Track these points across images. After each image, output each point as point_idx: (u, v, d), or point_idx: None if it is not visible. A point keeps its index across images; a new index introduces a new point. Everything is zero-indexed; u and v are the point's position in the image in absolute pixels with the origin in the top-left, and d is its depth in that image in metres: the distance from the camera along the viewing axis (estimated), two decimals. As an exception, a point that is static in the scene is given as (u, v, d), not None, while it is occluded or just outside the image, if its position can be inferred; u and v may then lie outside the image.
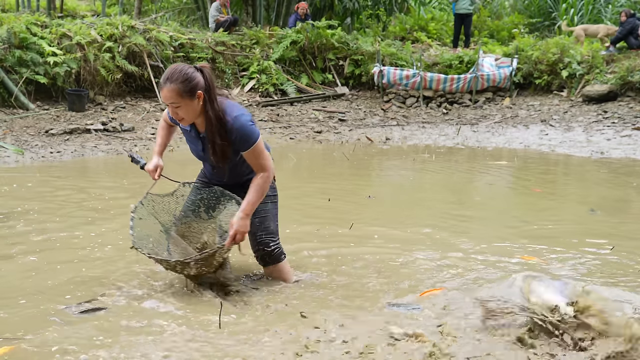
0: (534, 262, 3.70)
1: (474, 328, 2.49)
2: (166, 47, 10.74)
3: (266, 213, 3.12)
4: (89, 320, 2.76)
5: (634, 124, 9.80)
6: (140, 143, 8.48)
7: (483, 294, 2.58)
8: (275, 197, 3.21)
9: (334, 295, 3.15)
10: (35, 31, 9.64)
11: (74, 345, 2.52)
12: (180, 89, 2.74)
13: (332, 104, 11.65)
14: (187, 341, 2.55)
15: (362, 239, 4.22)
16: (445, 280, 3.39)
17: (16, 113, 9.00)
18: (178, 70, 2.76)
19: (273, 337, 2.58)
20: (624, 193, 6.11)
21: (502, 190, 6.43)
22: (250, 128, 2.83)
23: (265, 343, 2.53)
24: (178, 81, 2.73)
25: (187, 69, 2.77)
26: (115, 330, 2.66)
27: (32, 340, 2.54)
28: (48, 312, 2.86)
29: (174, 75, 2.75)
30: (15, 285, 3.22)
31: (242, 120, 2.83)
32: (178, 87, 2.73)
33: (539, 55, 11.87)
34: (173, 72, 2.76)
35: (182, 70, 2.76)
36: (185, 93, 2.74)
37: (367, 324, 2.68)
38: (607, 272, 3.56)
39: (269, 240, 3.14)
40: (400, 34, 15.52)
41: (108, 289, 3.14)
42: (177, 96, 2.75)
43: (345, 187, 6.19)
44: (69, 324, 2.72)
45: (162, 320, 2.76)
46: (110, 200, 5.30)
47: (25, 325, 2.70)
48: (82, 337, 2.59)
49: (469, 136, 9.80)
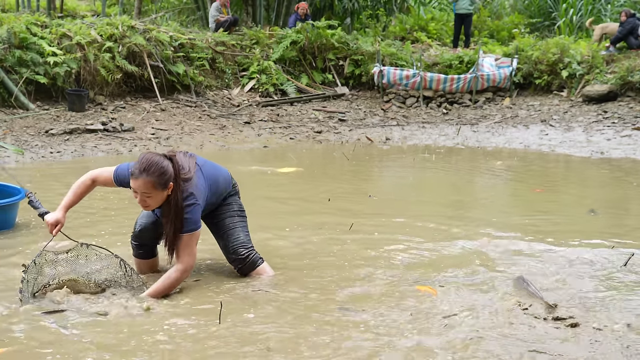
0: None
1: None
2: (166, 47, 10.74)
3: (234, 226, 3.31)
4: (90, 322, 2.76)
5: (634, 124, 9.80)
6: (140, 143, 8.47)
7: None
8: (243, 213, 3.40)
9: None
10: (35, 31, 9.63)
11: (75, 344, 2.52)
12: (155, 181, 2.87)
13: (332, 104, 11.65)
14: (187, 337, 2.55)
15: (362, 239, 4.22)
16: (442, 281, 3.39)
17: (16, 113, 9.00)
18: (154, 163, 2.88)
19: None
20: (624, 193, 6.11)
21: (501, 191, 6.43)
22: (195, 217, 3.00)
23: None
24: (154, 175, 2.87)
25: (161, 162, 2.90)
26: (116, 329, 2.66)
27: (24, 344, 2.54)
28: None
29: (150, 168, 2.87)
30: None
31: (193, 209, 2.99)
32: (153, 180, 2.87)
33: (539, 55, 11.87)
34: (149, 165, 2.87)
35: (158, 163, 2.88)
36: (159, 185, 2.88)
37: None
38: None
39: (242, 249, 3.29)
40: (400, 34, 15.51)
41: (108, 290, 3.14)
42: (151, 188, 2.89)
43: (345, 187, 6.19)
44: (74, 327, 2.72)
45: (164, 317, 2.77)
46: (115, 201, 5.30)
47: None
48: (83, 337, 2.59)
49: (469, 136, 9.80)
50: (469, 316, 2.86)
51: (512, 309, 2.92)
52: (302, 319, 2.83)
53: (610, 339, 2.62)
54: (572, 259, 3.74)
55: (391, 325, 2.76)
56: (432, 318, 2.85)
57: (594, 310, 2.92)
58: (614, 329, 2.71)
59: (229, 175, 3.39)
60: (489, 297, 3.10)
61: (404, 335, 2.66)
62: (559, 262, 3.70)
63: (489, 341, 2.59)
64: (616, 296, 3.14)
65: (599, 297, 3.10)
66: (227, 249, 3.31)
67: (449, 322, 2.78)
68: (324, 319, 2.85)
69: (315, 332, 2.70)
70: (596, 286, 3.28)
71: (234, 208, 3.35)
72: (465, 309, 2.93)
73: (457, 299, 3.07)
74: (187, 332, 2.66)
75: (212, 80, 11.37)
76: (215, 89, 11.31)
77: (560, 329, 2.71)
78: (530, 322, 2.78)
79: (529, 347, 2.53)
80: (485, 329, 2.72)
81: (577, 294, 3.13)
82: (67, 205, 3.14)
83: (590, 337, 2.63)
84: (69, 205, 3.14)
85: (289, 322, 2.78)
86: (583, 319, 2.78)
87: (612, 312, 2.91)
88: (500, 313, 2.89)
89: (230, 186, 3.37)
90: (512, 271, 3.50)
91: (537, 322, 2.78)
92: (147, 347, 2.52)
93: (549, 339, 2.62)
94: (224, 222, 3.31)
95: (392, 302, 3.05)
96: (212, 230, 3.39)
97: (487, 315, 2.87)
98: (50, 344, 2.52)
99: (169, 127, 9.44)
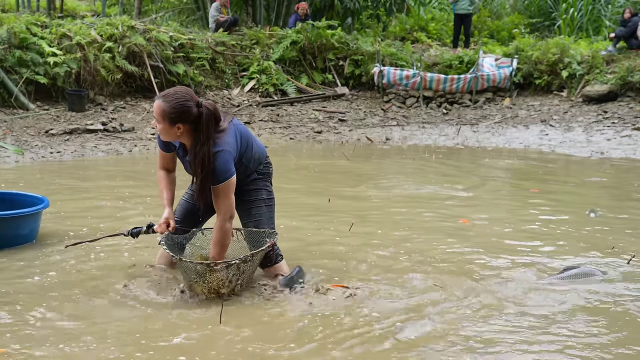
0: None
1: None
2: (166, 47, 10.73)
3: (260, 217, 3.20)
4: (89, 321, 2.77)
5: (634, 124, 9.80)
6: (140, 143, 8.48)
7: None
8: (271, 201, 3.26)
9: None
10: (35, 31, 9.63)
11: (75, 344, 2.52)
12: (165, 110, 2.80)
13: (332, 104, 11.65)
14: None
15: (362, 239, 4.22)
16: (439, 281, 3.39)
17: (16, 113, 9.00)
18: (176, 95, 2.82)
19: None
20: (624, 193, 6.11)
21: (502, 191, 6.43)
22: (225, 166, 2.87)
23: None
24: (168, 104, 2.80)
25: (186, 99, 2.82)
26: (117, 330, 2.67)
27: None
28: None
29: (169, 96, 2.82)
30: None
31: (220, 156, 2.86)
32: (164, 108, 2.80)
33: (539, 56, 11.86)
34: (173, 94, 2.83)
35: (179, 98, 2.81)
36: (168, 117, 2.81)
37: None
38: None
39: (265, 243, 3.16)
40: (400, 34, 15.50)
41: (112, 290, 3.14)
42: (160, 114, 2.82)
43: (345, 188, 6.19)
44: (74, 327, 2.72)
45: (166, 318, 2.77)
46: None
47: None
48: (85, 337, 2.59)
49: (469, 136, 9.80)
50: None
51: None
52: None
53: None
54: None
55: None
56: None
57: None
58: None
59: (264, 148, 3.29)
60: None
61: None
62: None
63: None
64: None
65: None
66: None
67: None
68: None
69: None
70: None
71: (262, 196, 3.21)
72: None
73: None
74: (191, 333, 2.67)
75: (212, 80, 11.36)
76: (215, 89, 11.30)
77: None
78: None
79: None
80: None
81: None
82: (168, 201, 3.12)
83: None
84: (170, 201, 3.13)
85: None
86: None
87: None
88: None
89: (264, 158, 3.24)
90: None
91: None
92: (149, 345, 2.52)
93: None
94: (251, 212, 3.19)
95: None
96: (238, 214, 3.23)
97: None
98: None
99: (169, 127, 9.43)
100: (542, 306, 3.04)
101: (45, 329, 2.68)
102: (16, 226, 3.84)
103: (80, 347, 2.52)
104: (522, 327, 2.79)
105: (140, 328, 2.70)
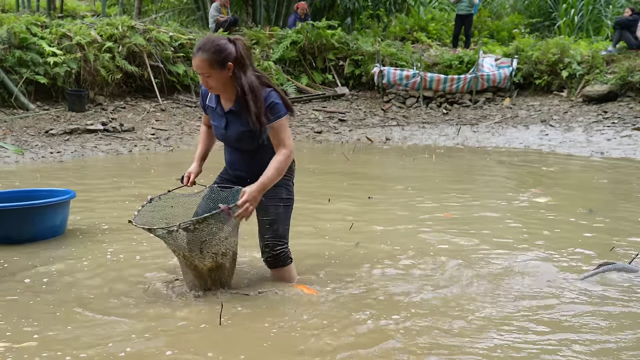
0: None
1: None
2: (166, 47, 10.74)
3: (276, 216, 3.12)
4: (95, 321, 2.77)
5: (634, 124, 9.80)
6: (140, 143, 8.48)
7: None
8: (290, 201, 3.18)
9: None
10: (35, 31, 9.64)
11: (76, 345, 2.53)
12: (211, 59, 2.83)
13: (332, 104, 11.66)
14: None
15: (362, 239, 4.22)
16: (439, 284, 3.39)
17: (16, 113, 9.00)
18: (211, 41, 2.86)
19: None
20: (624, 193, 6.11)
21: (501, 191, 6.43)
22: (279, 100, 2.93)
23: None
24: (210, 52, 2.83)
25: (219, 40, 2.87)
26: (117, 330, 2.67)
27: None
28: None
29: (206, 45, 2.84)
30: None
31: (272, 93, 2.93)
32: (209, 58, 2.83)
33: (539, 56, 11.87)
34: (205, 42, 2.86)
35: (215, 41, 2.85)
36: (216, 63, 2.84)
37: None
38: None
39: (276, 244, 3.14)
40: (400, 34, 15.52)
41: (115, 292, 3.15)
42: (207, 66, 2.84)
43: (345, 188, 6.19)
44: (77, 327, 2.72)
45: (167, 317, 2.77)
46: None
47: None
48: (86, 337, 2.60)
49: (469, 136, 9.80)
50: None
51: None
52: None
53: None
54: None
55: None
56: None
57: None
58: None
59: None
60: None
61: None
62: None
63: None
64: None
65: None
66: (262, 237, 3.16)
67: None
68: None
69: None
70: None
71: (282, 194, 3.11)
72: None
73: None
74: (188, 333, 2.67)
75: (212, 80, 11.37)
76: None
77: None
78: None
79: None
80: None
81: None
82: (200, 155, 3.25)
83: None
84: (201, 155, 3.25)
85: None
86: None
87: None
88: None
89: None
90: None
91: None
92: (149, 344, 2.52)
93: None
94: (268, 210, 3.09)
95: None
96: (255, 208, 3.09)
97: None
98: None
99: (169, 127, 9.44)
100: (553, 305, 3.04)
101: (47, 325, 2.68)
102: (53, 215, 4.00)
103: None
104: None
105: (139, 328, 2.70)
